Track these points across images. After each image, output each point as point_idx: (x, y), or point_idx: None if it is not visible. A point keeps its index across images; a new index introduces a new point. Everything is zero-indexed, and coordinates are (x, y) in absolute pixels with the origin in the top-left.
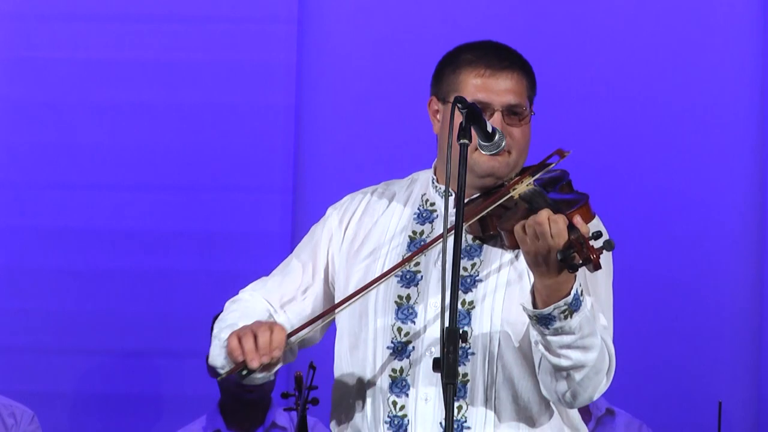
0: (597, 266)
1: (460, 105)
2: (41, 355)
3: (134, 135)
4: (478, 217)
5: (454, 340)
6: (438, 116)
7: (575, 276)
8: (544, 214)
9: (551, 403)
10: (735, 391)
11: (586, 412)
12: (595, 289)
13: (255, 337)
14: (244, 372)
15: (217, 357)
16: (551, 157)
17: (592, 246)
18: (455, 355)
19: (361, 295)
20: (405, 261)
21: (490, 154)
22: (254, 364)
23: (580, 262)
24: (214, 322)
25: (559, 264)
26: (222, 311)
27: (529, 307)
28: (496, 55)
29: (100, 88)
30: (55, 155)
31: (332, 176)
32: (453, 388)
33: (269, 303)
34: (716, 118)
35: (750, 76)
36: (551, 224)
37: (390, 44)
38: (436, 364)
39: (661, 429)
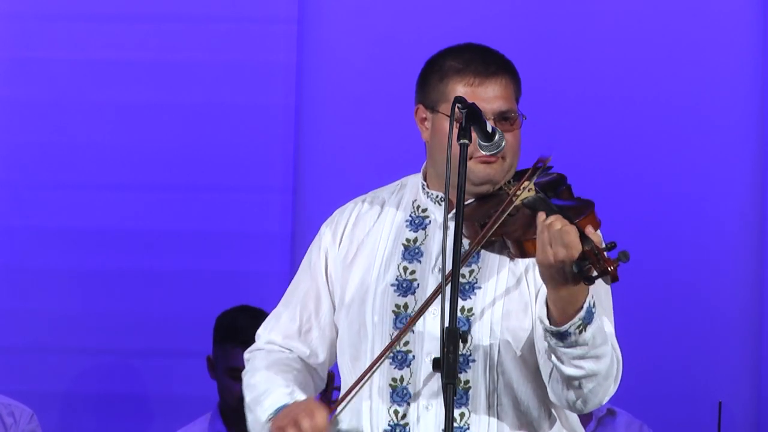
0: (615, 278)
1: (459, 105)
2: (41, 355)
3: (134, 135)
4: (490, 231)
5: (454, 340)
6: (426, 124)
7: (588, 287)
8: (558, 222)
9: (550, 408)
10: (735, 391)
11: (587, 413)
12: (597, 294)
13: (298, 426)
14: None
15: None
16: (536, 164)
17: (608, 258)
18: (455, 354)
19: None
20: (396, 338)
21: (489, 155)
22: None
23: (596, 274)
24: (216, 324)
25: (574, 276)
26: (246, 367)
27: (546, 321)
28: (482, 61)
29: (100, 88)
30: (55, 155)
31: (332, 176)
32: (453, 388)
33: (291, 342)
34: (716, 119)
35: (750, 76)
36: (563, 235)
37: (390, 44)
38: (436, 364)
39: (661, 429)
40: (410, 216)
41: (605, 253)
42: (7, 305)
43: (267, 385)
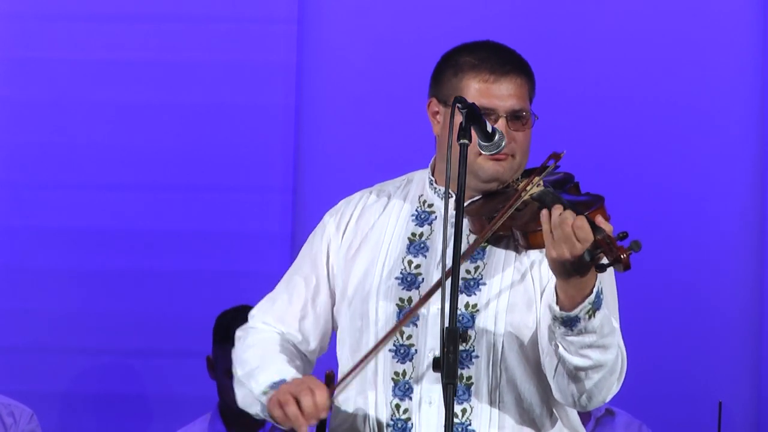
0: (627, 266)
1: (459, 105)
2: (41, 355)
3: (134, 135)
4: (497, 225)
5: (454, 340)
6: (438, 117)
7: (597, 274)
8: (569, 216)
9: (552, 407)
10: (735, 391)
11: (586, 413)
12: (603, 294)
13: (298, 402)
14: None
15: (251, 406)
16: (548, 161)
17: (621, 246)
18: (455, 354)
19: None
20: (399, 325)
21: (491, 154)
22: (303, 429)
23: (608, 262)
24: (216, 324)
25: (586, 264)
26: (237, 344)
27: (556, 307)
28: (498, 59)
29: (100, 88)
30: (55, 155)
31: (332, 176)
32: (453, 388)
33: (284, 326)
34: (716, 119)
35: (750, 76)
36: (575, 229)
37: (390, 44)
38: (436, 364)
39: (661, 429)
40: (416, 210)
41: (617, 241)
42: (7, 305)
43: (261, 360)
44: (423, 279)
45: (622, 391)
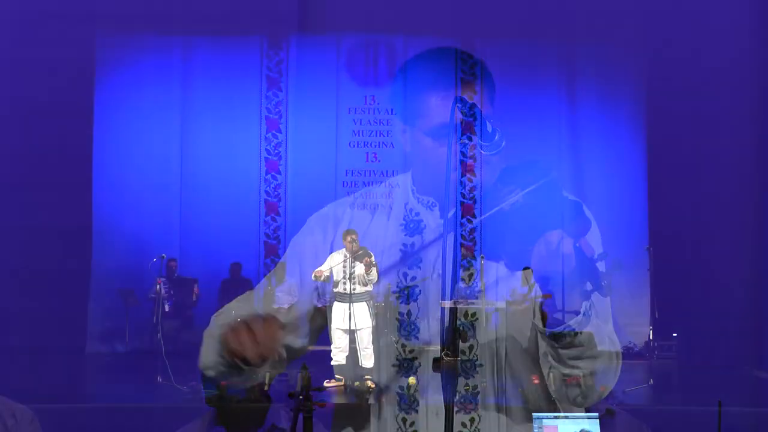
0: None
1: (460, 105)
2: (41, 355)
3: (136, 135)
4: None
5: (454, 341)
6: (406, 135)
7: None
8: None
9: (556, 402)
10: (735, 390)
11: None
12: (598, 301)
13: (249, 329)
14: (246, 366)
15: (210, 355)
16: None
17: None
18: (455, 355)
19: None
20: None
21: (491, 154)
22: (253, 355)
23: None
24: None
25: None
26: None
27: (540, 324)
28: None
29: (100, 88)
30: (57, 155)
31: (331, 176)
32: (453, 389)
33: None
34: (716, 119)
35: (750, 76)
36: None
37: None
38: (436, 365)
39: (661, 429)
40: (404, 220)
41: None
42: (7, 305)
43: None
44: (420, 291)
45: (622, 391)
